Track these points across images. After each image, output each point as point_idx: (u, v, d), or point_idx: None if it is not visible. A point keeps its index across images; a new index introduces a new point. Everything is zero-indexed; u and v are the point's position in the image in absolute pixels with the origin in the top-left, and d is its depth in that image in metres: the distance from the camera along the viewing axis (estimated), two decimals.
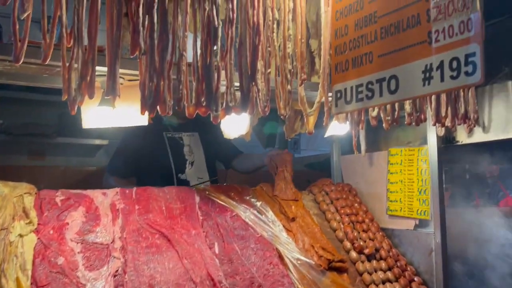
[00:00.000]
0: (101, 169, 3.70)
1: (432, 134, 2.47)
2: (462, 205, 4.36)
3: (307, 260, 2.29)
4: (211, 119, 1.52)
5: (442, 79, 1.26)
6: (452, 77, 1.24)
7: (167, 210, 2.34)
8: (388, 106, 1.85)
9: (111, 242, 2.08)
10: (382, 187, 2.82)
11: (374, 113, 1.80)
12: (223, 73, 1.51)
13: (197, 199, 2.45)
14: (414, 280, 2.45)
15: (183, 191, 2.47)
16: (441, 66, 1.26)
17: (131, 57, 1.43)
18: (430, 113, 1.95)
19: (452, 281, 3.10)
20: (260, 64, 1.58)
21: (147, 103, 1.40)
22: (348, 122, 1.86)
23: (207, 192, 2.51)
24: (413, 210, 2.58)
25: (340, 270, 2.38)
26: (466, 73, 1.20)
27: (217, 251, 2.20)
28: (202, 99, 1.48)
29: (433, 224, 2.45)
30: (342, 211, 2.75)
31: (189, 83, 1.54)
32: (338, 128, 2.50)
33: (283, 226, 2.50)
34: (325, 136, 2.75)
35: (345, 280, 2.33)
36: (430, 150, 2.49)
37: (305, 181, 3.22)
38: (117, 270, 1.96)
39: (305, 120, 1.87)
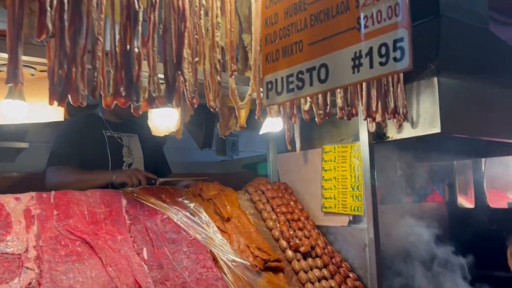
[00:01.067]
0: (24, 175, 3.38)
1: (364, 130, 2.50)
2: (394, 202, 4.53)
3: (242, 261, 2.21)
4: (132, 111, 1.40)
5: (371, 66, 1.24)
6: (381, 64, 1.22)
7: (89, 214, 2.15)
8: (321, 100, 1.82)
9: (24, 252, 1.86)
10: (316, 184, 2.82)
11: (307, 107, 1.76)
12: (145, 61, 1.39)
13: (124, 202, 2.28)
14: (349, 276, 2.45)
15: (108, 194, 2.29)
16: (370, 52, 1.24)
17: (38, 40, 1.26)
18: (361, 107, 1.96)
19: (385, 276, 3.18)
20: (186, 53, 1.48)
21: (57, 92, 1.25)
22: (281, 117, 1.81)
23: (135, 195, 2.35)
24: (347, 207, 2.60)
25: (276, 270, 2.32)
26: (395, 59, 1.19)
27: (146, 257, 2.05)
28: (121, 89, 1.34)
29: (366, 219, 2.48)
30: (278, 210, 2.71)
31: (108, 72, 1.40)
32: (272, 125, 2.46)
33: (218, 227, 2.40)
34: (260, 133, 2.70)
35: (281, 279, 2.28)
36: (362, 146, 2.52)
37: (243, 183, 3.17)
38: (30, 283, 1.76)
39: (237, 113, 1.79)
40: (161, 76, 1.48)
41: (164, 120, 2.06)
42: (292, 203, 2.83)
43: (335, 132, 2.83)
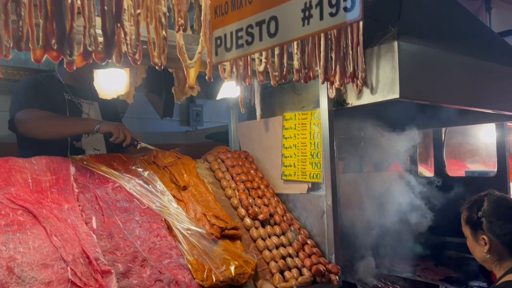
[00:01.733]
0: None
1: (324, 96, 2.45)
2: (356, 171, 4.57)
3: (198, 230, 2.16)
4: (65, 66, 1.27)
5: (321, 17, 1.16)
6: (331, 14, 1.14)
7: (34, 183, 2.03)
8: (276, 61, 1.74)
9: None
10: (277, 152, 2.77)
11: (261, 68, 1.68)
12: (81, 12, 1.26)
13: (73, 170, 2.17)
14: (307, 243, 2.44)
15: (55, 161, 2.17)
16: (320, 3, 1.16)
17: None
18: (319, 70, 1.90)
19: (345, 243, 3.22)
20: (127, 4, 1.35)
21: None
22: (234, 78, 1.71)
23: (84, 163, 2.23)
24: (306, 174, 2.57)
25: (233, 238, 2.28)
26: (345, 9, 1.11)
27: (94, 226, 1.96)
28: (53, 41, 1.22)
29: (324, 186, 2.45)
30: (238, 178, 2.66)
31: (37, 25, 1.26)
32: (230, 90, 2.37)
33: (174, 196, 2.32)
34: (217, 98, 2.60)
35: (238, 247, 2.24)
36: (322, 113, 2.47)
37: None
38: None
39: (185, 72, 1.69)
40: (99, 31, 1.36)
41: (111, 82, 1.93)
42: (252, 171, 2.78)
43: (296, 99, 2.77)
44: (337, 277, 2.31)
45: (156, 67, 1.51)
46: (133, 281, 1.81)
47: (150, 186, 2.27)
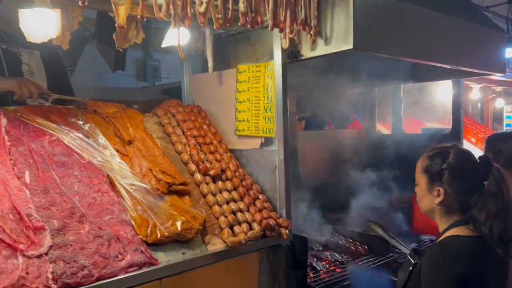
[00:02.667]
0: None
1: (277, 47, 2.34)
2: (316, 129, 4.55)
3: (143, 185, 2.07)
4: None
5: None
6: None
7: None
8: (219, 3, 1.61)
9: None
10: (231, 107, 2.67)
11: (202, 9, 1.54)
12: None
13: (4, 121, 2.00)
14: (258, 198, 2.40)
15: None
16: None
17: None
18: (267, 15, 1.78)
19: (302, 199, 3.22)
20: None
21: None
22: (171, 20, 1.57)
23: (18, 114, 2.06)
24: (259, 129, 2.49)
25: (181, 193, 2.21)
26: None
27: (28, 181, 1.83)
28: None
29: (277, 141, 2.39)
30: (189, 133, 2.55)
31: None
32: (176, 36, 2.20)
33: (118, 150, 2.21)
34: (162, 45, 2.45)
35: (187, 202, 2.17)
36: (275, 65, 2.37)
37: None
38: None
39: (114, 10, 1.53)
40: None
41: (40, 24, 1.75)
42: (205, 126, 2.68)
43: (250, 50, 2.65)
44: (287, 231, 2.29)
45: (80, 3, 1.34)
46: (70, 238, 1.72)
47: (91, 140, 2.14)
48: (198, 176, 2.35)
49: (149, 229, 1.92)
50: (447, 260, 1.67)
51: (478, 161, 1.83)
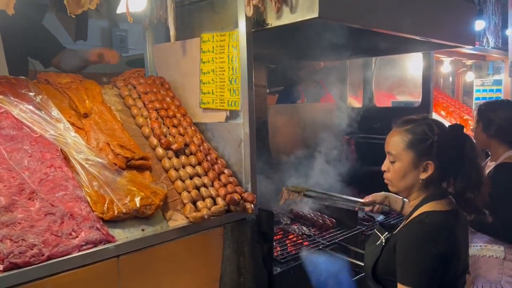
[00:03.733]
0: None
1: (242, 15, 2.24)
2: (288, 102, 4.49)
3: (99, 160, 1.97)
4: None
5: None
6: None
7: None
8: None
9: None
10: (195, 78, 2.57)
11: None
12: None
13: None
14: (223, 173, 2.35)
15: None
16: None
17: None
18: None
19: (267, 170, 3.18)
20: None
21: None
22: None
23: None
24: (224, 102, 2.41)
25: (141, 168, 2.12)
26: None
27: None
28: None
29: (242, 114, 2.32)
30: (150, 106, 2.45)
31: None
32: (132, 3, 2.08)
33: (73, 124, 2.10)
34: (117, 12, 2.31)
35: (147, 178, 2.09)
36: (240, 34, 2.27)
37: None
38: None
39: None
40: None
41: None
42: (168, 99, 2.58)
43: (216, 18, 2.53)
44: (252, 205, 2.25)
45: None
46: (18, 215, 1.63)
47: (43, 112, 2.02)
48: (160, 150, 2.27)
49: (106, 205, 1.84)
50: (426, 238, 1.62)
51: (453, 130, 1.79)
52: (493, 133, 2.67)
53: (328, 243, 2.79)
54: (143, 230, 1.91)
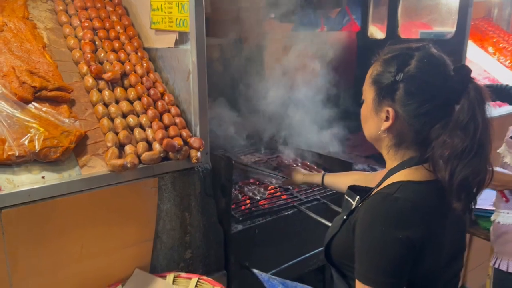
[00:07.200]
0: None
1: None
2: (307, 29, 3.86)
3: None
4: None
5: None
6: None
7: None
8: None
9: None
10: None
11: None
12: None
13: None
14: (169, 111, 1.90)
15: None
16: None
17: None
18: None
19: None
20: None
21: None
22: None
23: None
24: (173, 20, 1.91)
25: (58, 101, 1.73)
26: None
27: None
28: None
29: (190, 37, 1.82)
30: (87, 25, 2.00)
31: None
32: None
33: None
34: None
35: (63, 113, 1.70)
36: None
37: None
38: None
39: None
40: None
41: None
42: (114, 17, 2.11)
43: None
44: (198, 153, 1.82)
45: None
46: None
47: None
48: (89, 79, 1.85)
49: None
50: (390, 221, 1.14)
51: (452, 73, 1.23)
52: None
53: (306, 200, 2.35)
54: (43, 177, 1.55)
